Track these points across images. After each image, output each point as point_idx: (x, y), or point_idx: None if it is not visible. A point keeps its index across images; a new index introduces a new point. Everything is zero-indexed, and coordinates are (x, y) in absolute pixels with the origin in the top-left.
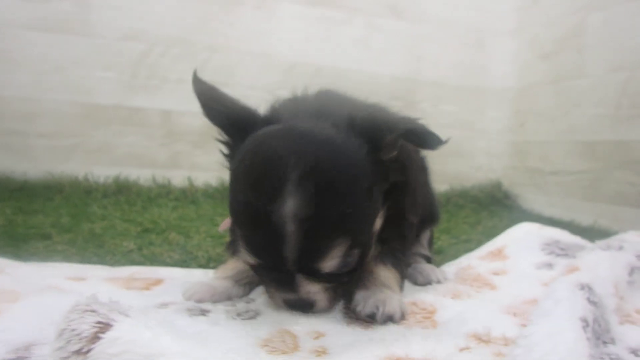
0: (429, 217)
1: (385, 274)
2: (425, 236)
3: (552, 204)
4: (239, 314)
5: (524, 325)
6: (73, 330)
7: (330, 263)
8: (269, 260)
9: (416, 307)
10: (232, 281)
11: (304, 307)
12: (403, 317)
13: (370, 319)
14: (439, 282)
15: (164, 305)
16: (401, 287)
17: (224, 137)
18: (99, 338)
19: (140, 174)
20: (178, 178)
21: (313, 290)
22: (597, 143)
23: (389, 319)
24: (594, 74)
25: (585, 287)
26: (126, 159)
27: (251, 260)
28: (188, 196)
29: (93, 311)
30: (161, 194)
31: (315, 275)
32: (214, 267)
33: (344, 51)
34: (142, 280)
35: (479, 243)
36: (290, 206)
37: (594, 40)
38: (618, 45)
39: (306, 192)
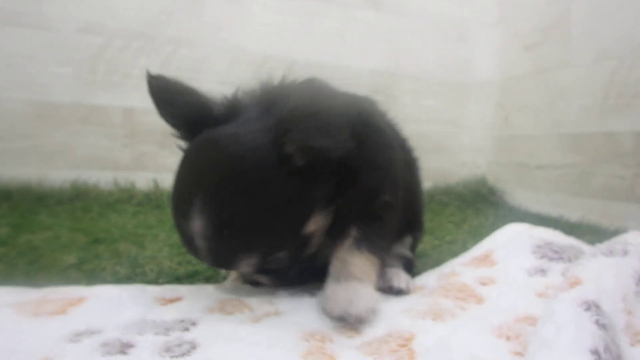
0: (411, 224)
1: (360, 261)
2: (407, 240)
3: (539, 200)
4: (168, 349)
5: (519, 354)
6: None
7: (245, 270)
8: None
9: (390, 337)
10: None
11: (253, 283)
12: (373, 314)
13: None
14: (400, 290)
15: (77, 337)
16: (377, 274)
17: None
18: None
19: (101, 177)
20: (142, 181)
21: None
22: (585, 136)
23: (359, 321)
24: (580, 65)
25: (592, 306)
26: (85, 162)
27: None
28: (152, 200)
29: None
30: (122, 198)
31: (260, 271)
32: (163, 283)
33: (319, 44)
34: (56, 302)
35: (465, 244)
36: (195, 227)
37: (579, 29)
38: (604, 33)
39: (205, 215)
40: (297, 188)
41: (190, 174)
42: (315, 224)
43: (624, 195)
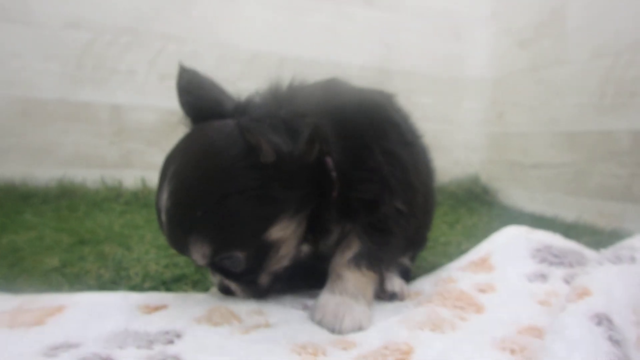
0: (416, 241)
1: (356, 278)
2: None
3: (533, 199)
4: None
5: None
6: None
7: (197, 259)
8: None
9: (387, 349)
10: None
11: (224, 291)
12: (361, 329)
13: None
14: (393, 294)
15: (53, 351)
16: (375, 291)
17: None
18: None
19: (88, 176)
20: (130, 179)
21: (226, 282)
22: (581, 134)
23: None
24: (576, 61)
25: (604, 320)
26: (72, 160)
27: None
28: (140, 199)
29: None
30: (109, 197)
31: (218, 270)
32: (149, 289)
33: (310, 40)
34: (34, 312)
35: (459, 245)
36: (161, 200)
37: (575, 25)
38: (600, 29)
39: (169, 189)
40: (261, 185)
41: (172, 154)
42: (282, 231)
43: (620, 194)
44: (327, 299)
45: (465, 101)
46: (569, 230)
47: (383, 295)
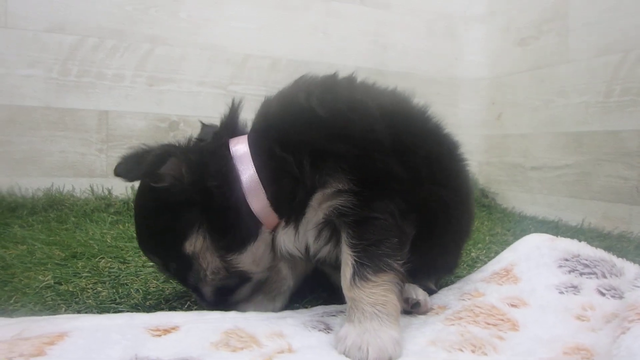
0: (439, 266)
1: (370, 293)
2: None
3: (534, 202)
4: None
5: None
6: None
7: (156, 265)
8: None
9: None
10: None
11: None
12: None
13: None
14: (417, 303)
15: None
16: (399, 294)
17: None
18: None
19: (76, 185)
20: (120, 187)
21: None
22: (585, 134)
23: None
24: (580, 59)
25: None
26: (59, 168)
27: None
28: (131, 208)
29: None
30: (99, 207)
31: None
32: (151, 307)
33: (303, 41)
34: (33, 341)
35: (468, 253)
36: None
37: (579, 21)
38: (607, 25)
39: None
40: (162, 206)
41: None
42: (192, 245)
43: (628, 197)
44: (348, 330)
45: (462, 102)
46: (575, 234)
47: (405, 304)
